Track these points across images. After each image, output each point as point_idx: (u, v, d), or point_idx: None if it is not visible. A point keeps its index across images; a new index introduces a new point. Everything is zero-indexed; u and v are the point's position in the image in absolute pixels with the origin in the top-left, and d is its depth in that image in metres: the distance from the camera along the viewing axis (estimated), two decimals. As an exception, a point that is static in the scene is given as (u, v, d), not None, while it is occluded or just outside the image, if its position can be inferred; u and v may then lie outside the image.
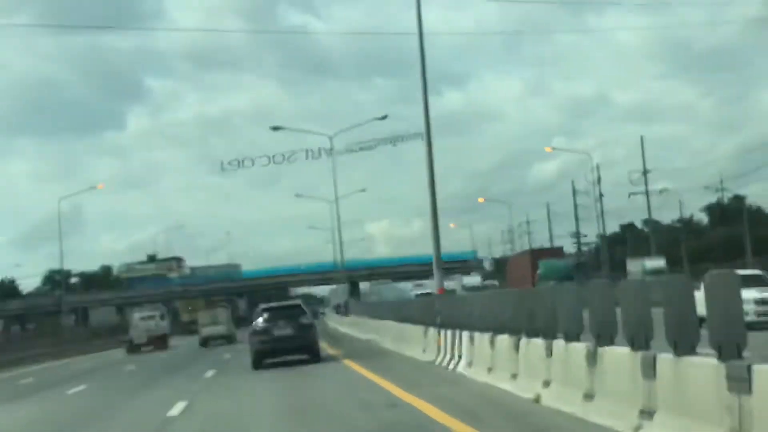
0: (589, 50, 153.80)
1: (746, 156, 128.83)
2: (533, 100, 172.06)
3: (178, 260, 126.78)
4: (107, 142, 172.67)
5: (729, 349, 6.96)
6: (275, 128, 46.46)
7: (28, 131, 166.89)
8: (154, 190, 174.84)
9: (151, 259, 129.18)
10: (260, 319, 23.33)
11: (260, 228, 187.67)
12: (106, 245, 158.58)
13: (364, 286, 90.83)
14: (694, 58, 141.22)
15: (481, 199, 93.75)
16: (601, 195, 65.51)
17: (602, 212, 66.77)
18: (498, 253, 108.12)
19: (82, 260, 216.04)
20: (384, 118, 45.46)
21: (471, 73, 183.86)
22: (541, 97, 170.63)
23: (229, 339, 46.55)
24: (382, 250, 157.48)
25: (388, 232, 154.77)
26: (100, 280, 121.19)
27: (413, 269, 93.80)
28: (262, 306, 25.17)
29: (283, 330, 22.92)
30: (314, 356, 23.40)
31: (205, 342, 45.99)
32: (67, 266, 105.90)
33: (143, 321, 48.71)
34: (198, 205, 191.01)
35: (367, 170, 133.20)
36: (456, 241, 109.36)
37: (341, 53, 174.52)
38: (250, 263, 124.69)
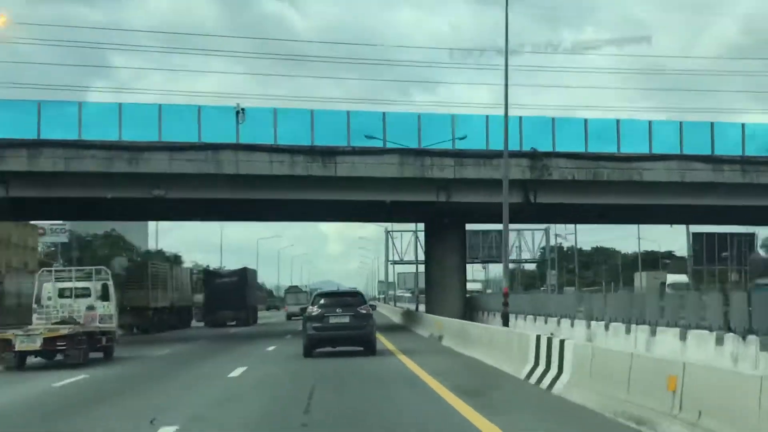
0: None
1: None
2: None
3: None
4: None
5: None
6: None
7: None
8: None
9: None
10: (316, 305, 22.26)
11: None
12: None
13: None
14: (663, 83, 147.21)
15: None
16: None
17: None
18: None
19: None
20: None
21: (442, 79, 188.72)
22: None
23: None
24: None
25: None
26: None
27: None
28: (319, 292, 24.59)
29: (340, 318, 21.78)
30: (370, 350, 22.05)
31: (289, 317, 60.25)
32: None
33: (62, 299, 22.89)
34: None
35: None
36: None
37: (314, 46, 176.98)
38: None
